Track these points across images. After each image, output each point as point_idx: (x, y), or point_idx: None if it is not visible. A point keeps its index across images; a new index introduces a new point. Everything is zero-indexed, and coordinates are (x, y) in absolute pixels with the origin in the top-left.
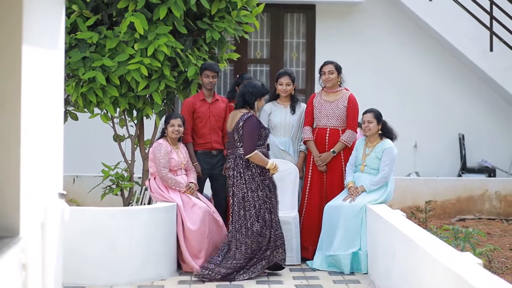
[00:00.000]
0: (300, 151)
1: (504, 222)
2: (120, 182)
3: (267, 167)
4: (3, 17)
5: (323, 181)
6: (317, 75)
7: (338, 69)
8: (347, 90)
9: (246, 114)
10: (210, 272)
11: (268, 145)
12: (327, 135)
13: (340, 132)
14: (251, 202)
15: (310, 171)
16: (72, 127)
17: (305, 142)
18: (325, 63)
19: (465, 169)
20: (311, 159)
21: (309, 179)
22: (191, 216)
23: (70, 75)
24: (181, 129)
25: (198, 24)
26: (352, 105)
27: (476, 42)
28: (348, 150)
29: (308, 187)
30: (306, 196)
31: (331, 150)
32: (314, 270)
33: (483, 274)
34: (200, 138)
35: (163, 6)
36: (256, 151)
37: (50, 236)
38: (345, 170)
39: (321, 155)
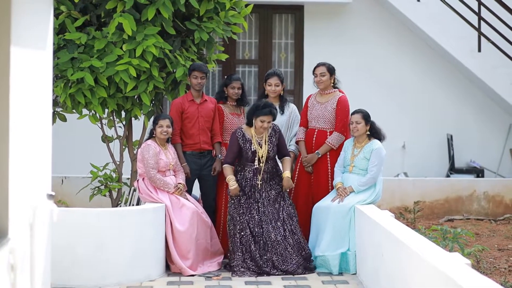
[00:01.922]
0: (289, 151)
1: (492, 223)
2: (109, 183)
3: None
4: None
5: (310, 182)
6: (305, 75)
7: (331, 70)
8: (341, 92)
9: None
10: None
11: (255, 169)
12: (315, 136)
13: (328, 134)
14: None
15: (297, 172)
16: (61, 128)
17: (297, 142)
18: (318, 65)
19: (453, 169)
20: (299, 160)
21: (295, 180)
22: (180, 217)
23: (59, 76)
24: (170, 130)
25: (186, 24)
26: (340, 107)
27: (464, 42)
28: (334, 152)
29: (294, 188)
30: (293, 195)
31: (316, 151)
32: None
33: (471, 274)
34: (188, 139)
35: (151, 7)
36: (225, 165)
37: (38, 237)
38: (330, 172)
39: (307, 156)
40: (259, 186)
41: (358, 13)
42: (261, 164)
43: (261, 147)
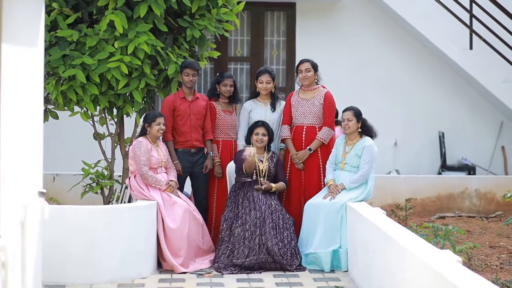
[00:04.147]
0: (280, 148)
1: (484, 220)
2: (100, 180)
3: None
4: None
5: (301, 179)
6: None
7: (315, 67)
8: (324, 87)
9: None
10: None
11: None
12: (304, 132)
13: (317, 129)
14: None
15: (288, 169)
16: (52, 125)
17: (283, 141)
18: (302, 61)
19: (445, 166)
20: (289, 158)
21: (287, 176)
22: (171, 215)
23: (50, 73)
24: (164, 127)
25: (178, 22)
26: (328, 102)
27: (456, 40)
28: (325, 148)
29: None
30: (284, 193)
31: (308, 147)
32: None
33: (462, 271)
34: (180, 136)
35: (143, 4)
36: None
37: (30, 235)
38: (322, 168)
39: (298, 153)
40: (259, 195)
41: (350, 11)
42: (261, 178)
43: (261, 163)
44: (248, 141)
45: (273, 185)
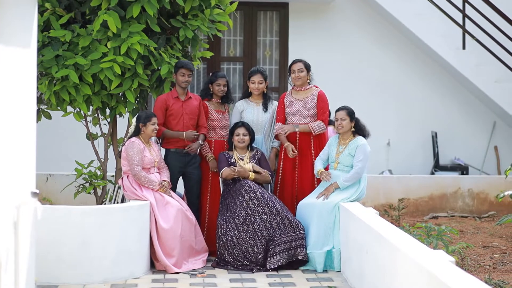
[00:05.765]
0: (272, 147)
1: (477, 220)
2: (93, 180)
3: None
4: None
5: (294, 178)
6: None
7: (307, 67)
8: (316, 87)
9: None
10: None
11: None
12: (298, 132)
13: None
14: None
15: (281, 168)
16: (45, 125)
17: (276, 137)
18: (294, 61)
19: (438, 166)
20: (282, 155)
21: (280, 175)
22: (164, 215)
23: (43, 73)
24: (158, 127)
25: (171, 22)
26: (321, 100)
27: (448, 39)
28: (318, 148)
29: (279, 184)
30: (277, 192)
31: (295, 125)
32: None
33: (455, 271)
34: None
35: (136, 4)
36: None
37: (23, 235)
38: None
39: (284, 126)
40: (247, 190)
41: (343, 11)
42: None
43: (242, 161)
44: (230, 143)
45: (251, 173)
